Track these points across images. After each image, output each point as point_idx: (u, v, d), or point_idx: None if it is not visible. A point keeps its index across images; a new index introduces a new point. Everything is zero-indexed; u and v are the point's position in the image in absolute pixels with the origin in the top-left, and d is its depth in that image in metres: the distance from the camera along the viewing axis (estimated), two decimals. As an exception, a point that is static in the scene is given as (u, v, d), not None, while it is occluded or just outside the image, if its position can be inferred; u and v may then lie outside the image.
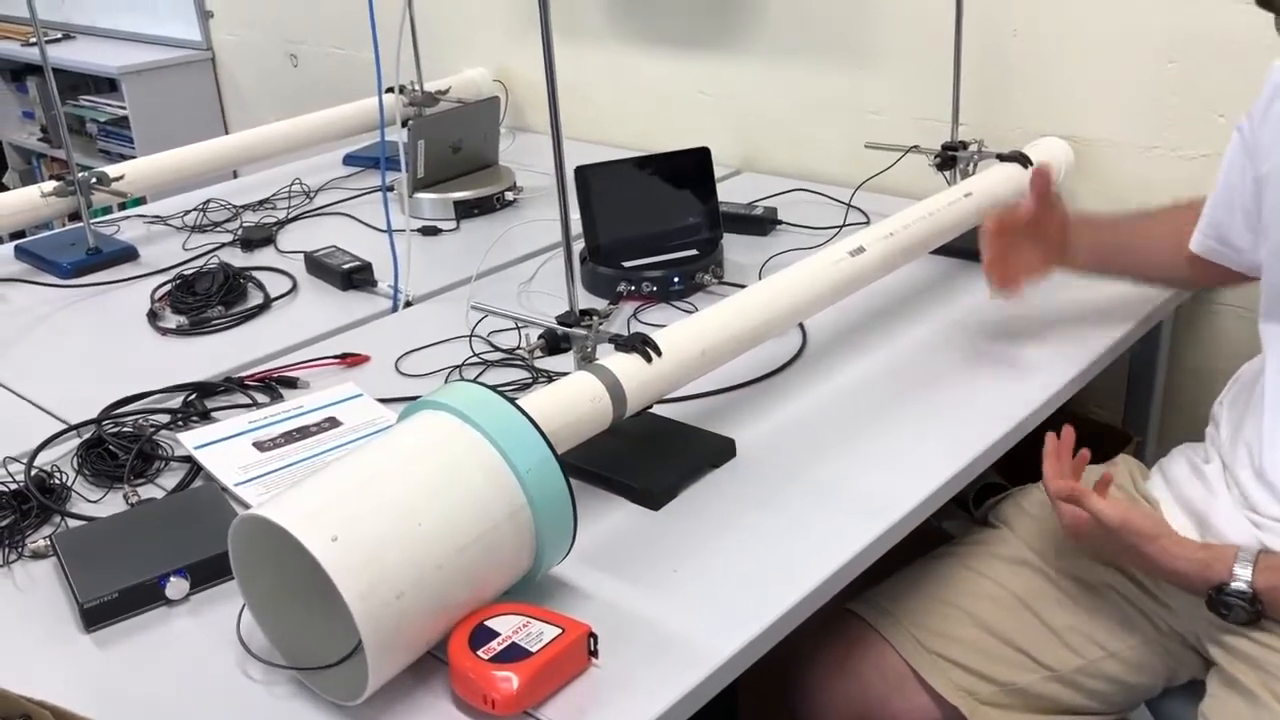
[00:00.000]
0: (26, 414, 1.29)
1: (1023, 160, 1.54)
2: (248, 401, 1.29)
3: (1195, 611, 1.10)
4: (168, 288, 1.61)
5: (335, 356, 1.38)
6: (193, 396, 1.29)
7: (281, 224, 1.89)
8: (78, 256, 1.73)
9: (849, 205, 1.73)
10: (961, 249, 1.52)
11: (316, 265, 1.66)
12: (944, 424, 1.16)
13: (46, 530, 1.06)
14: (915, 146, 1.63)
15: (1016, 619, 1.16)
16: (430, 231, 1.82)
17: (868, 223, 1.67)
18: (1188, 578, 1.04)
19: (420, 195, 1.88)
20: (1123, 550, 1.07)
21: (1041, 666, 1.14)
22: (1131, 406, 1.65)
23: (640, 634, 0.89)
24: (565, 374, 1.06)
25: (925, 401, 1.21)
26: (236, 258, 1.74)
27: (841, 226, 1.67)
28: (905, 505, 1.04)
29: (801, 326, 1.37)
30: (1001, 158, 1.54)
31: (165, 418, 1.24)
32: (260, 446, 1.17)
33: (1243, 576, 1.00)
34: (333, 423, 1.22)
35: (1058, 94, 1.66)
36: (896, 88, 1.83)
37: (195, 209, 1.95)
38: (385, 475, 0.84)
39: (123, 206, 2.01)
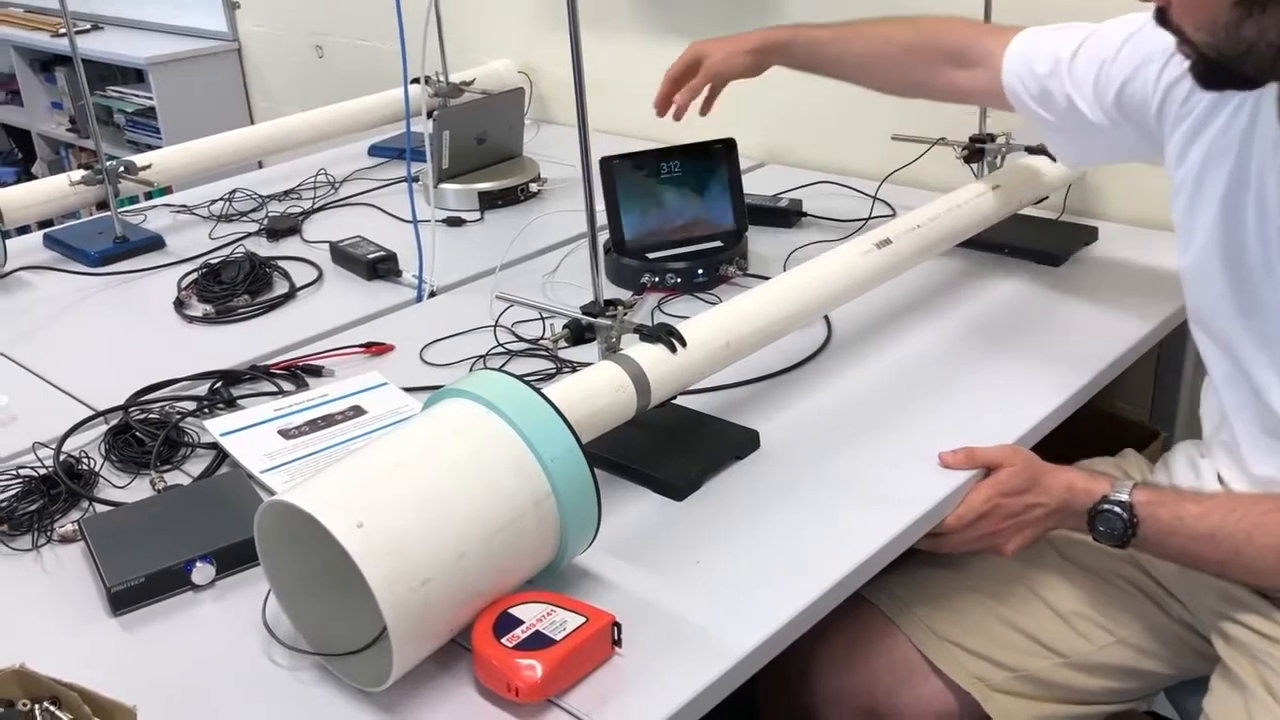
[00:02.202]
0: (55, 400, 1.30)
1: (1050, 154, 1.52)
2: (273, 389, 1.30)
3: (1202, 602, 1.11)
4: (194, 276, 1.62)
5: (360, 345, 1.38)
6: (219, 384, 1.30)
7: (307, 214, 1.89)
8: (105, 245, 1.74)
9: (875, 198, 1.71)
10: (989, 242, 1.51)
11: (342, 255, 1.66)
12: (969, 418, 1.16)
13: (74, 515, 1.07)
14: (942, 139, 1.62)
15: (1027, 606, 1.16)
16: (455, 222, 1.83)
17: (894, 215, 1.66)
18: (1075, 491, 1.05)
19: (445, 186, 1.88)
20: (1028, 481, 1.06)
21: (1053, 653, 1.14)
22: (1159, 402, 1.64)
23: (663, 625, 0.89)
24: (589, 364, 1.06)
25: (950, 395, 1.21)
26: (262, 247, 1.75)
27: (867, 219, 1.67)
28: (930, 499, 1.03)
29: (827, 319, 1.36)
30: (1030, 150, 1.53)
31: (191, 405, 1.25)
32: (285, 434, 1.18)
33: (1123, 489, 1.03)
34: (357, 411, 1.22)
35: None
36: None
37: (221, 198, 1.96)
38: (410, 463, 0.84)
39: (149, 196, 2.02)
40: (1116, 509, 1.02)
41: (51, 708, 0.77)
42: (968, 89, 1.32)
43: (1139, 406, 1.66)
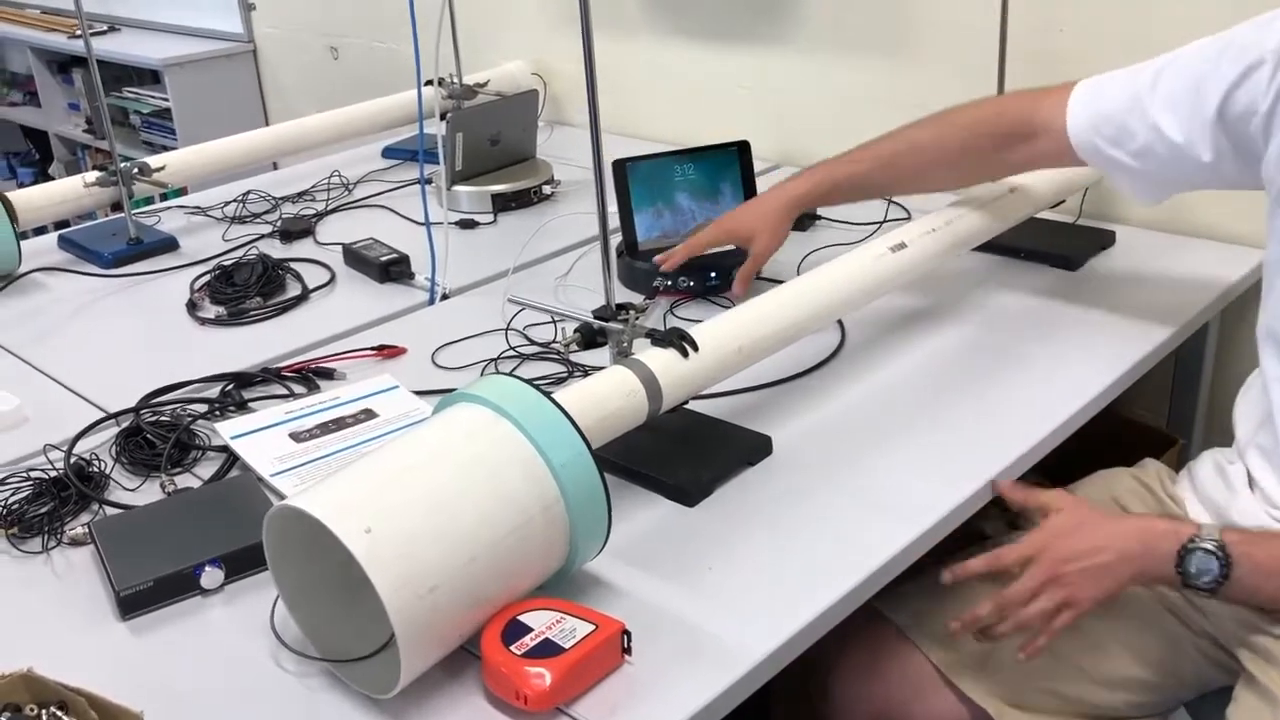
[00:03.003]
0: (67, 402, 1.31)
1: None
2: (284, 392, 1.29)
3: (1228, 614, 1.09)
4: (207, 278, 1.62)
5: (372, 348, 1.38)
6: (230, 387, 1.30)
7: (320, 216, 1.89)
8: (119, 246, 1.75)
9: (890, 201, 1.70)
10: (1004, 246, 1.50)
11: (354, 257, 1.66)
12: (985, 424, 1.15)
13: (85, 518, 1.07)
14: (958, 142, 1.60)
15: None
16: (468, 224, 1.83)
17: (909, 218, 1.65)
18: (1154, 533, 1.02)
19: (458, 188, 1.88)
20: (1078, 522, 1.05)
21: (1070, 667, 1.13)
22: (1176, 409, 1.62)
23: (674, 632, 0.88)
24: (601, 368, 1.05)
25: (966, 401, 1.19)
26: (275, 249, 1.75)
27: (882, 222, 1.65)
28: (944, 507, 1.02)
29: (840, 323, 1.35)
30: (1046, 154, 1.52)
31: (203, 407, 1.25)
32: (296, 437, 1.17)
33: (1211, 530, 1.00)
34: (369, 414, 1.22)
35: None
36: (940, 82, 1.81)
37: (235, 200, 1.96)
38: (419, 468, 0.83)
39: (164, 197, 2.03)
40: (1209, 546, 0.98)
41: (59, 713, 0.77)
42: (1033, 160, 1.28)
43: (1156, 413, 1.65)
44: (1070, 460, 1.22)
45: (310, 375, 1.32)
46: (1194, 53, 1.14)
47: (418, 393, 1.26)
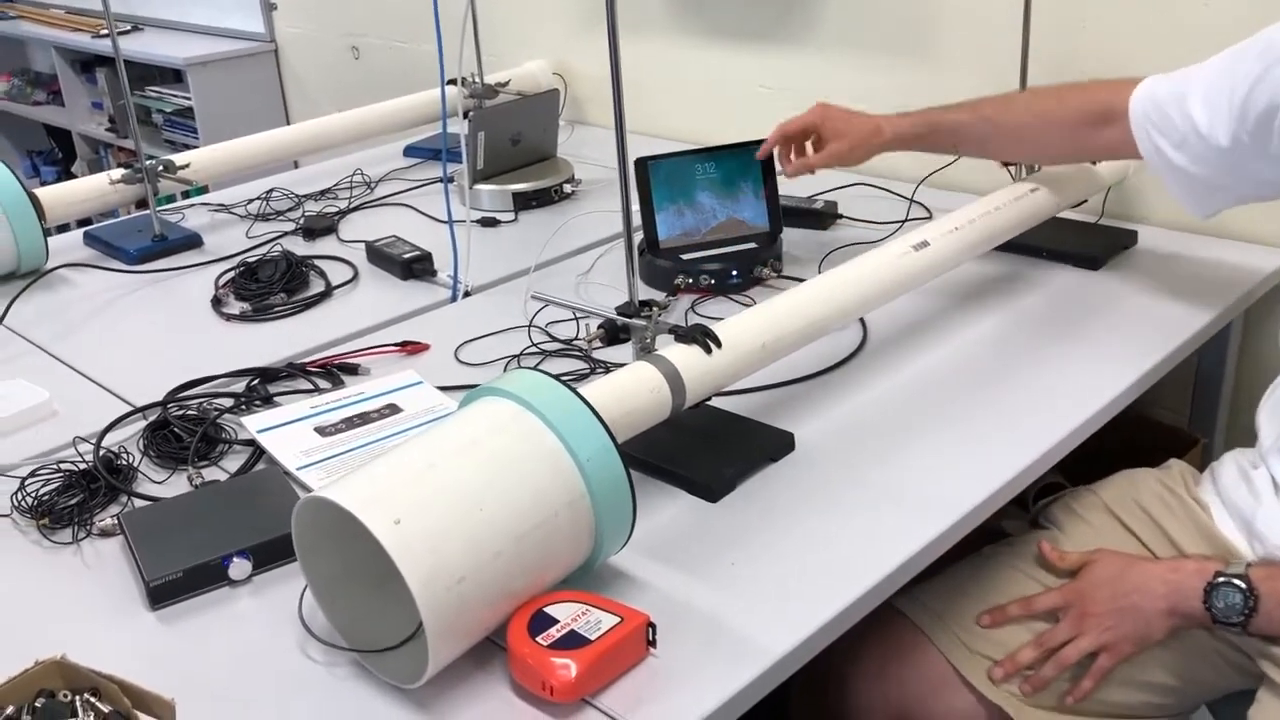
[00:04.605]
0: (95, 396, 1.32)
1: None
2: (309, 387, 1.30)
3: None
4: (231, 274, 1.63)
5: (395, 344, 1.39)
6: (256, 381, 1.31)
7: (343, 214, 1.91)
8: (144, 243, 1.76)
9: (911, 200, 1.71)
10: (1026, 245, 1.50)
11: (377, 254, 1.67)
12: (1005, 423, 1.15)
13: (114, 509, 1.08)
14: (980, 141, 1.60)
15: None
16: (489, 223, 1.83)
17: (930, 218, 1.65)
18: (1183, 571, 1.07)
19: (480, 187, 1.89)
20: (1116, 568, 1.10)
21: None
22: (1198, 408, 1.62)
23: (698, 626, 0.89)
24: (623, 365, 1.06)
25: (987, 400, 1.20)
26: (299, 246, 1.76)
27: (904, 221, 1.66)
28: (965, 505, 1.02)
29: (862, 321, 1.35)
30: (1068, 153, 1.52)
31: (229, 402, 1.26)
32: (322, 431, 1.18)
33: (1236, 565, 1.04)
34: (393, 409, 1.23)
35: (1127, 89, 1.62)
36: (961, 81, 1.81)
37: (258, 198, 1.98)
38: (447, 461, 0.84)
39: (186, 195, 2.04)
40: (1236, 581, 1.01)
41: (92, 699, 0.78)
42: (1109, 147, 1.30)
43: (1177, 412, 1.64)
44: (1090, 459, 1.22)
45: (334, 370, 1.33)
46: (1240, 45, 1.16)
47: (441, 388, 1.27)
